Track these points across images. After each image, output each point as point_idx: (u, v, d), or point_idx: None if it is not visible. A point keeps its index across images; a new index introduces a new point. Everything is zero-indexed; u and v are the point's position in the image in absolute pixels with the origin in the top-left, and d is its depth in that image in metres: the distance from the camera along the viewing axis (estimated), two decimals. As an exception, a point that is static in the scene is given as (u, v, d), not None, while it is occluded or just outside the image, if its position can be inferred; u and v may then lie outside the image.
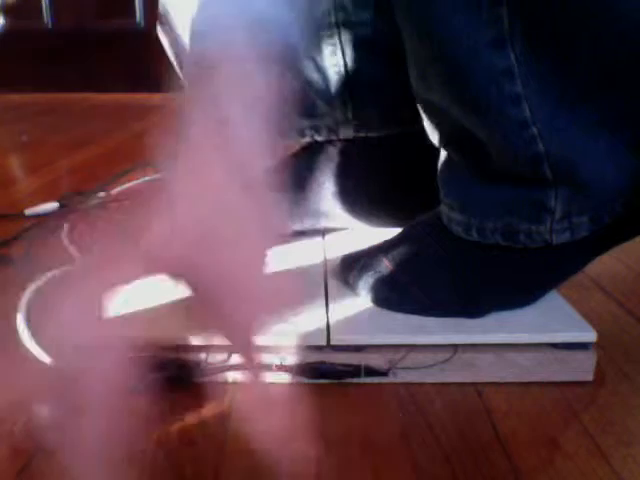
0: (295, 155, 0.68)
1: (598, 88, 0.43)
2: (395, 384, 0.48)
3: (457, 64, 0.43)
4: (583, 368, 0.48)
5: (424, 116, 0.52)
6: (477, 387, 0.48)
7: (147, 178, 1.03)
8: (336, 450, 0.41)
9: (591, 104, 0.44)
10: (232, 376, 0.48)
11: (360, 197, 0.67)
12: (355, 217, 0.68)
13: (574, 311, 0.51)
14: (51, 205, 0.91)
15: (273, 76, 0.45)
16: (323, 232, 0.71)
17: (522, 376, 0.48)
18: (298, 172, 0.67)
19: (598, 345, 0.52)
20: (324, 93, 0.63)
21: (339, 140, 0.65)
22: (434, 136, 0.53)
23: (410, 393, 0.47)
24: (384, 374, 0.47)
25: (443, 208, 0.53)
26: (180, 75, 0.68)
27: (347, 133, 0.65)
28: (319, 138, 0.65)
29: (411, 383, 0.48)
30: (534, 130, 0.44)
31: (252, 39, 0.42)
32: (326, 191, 0.66)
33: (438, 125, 0.51)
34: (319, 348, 0.48)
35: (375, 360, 0.47)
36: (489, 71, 0.43)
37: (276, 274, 0.59)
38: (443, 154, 0.53)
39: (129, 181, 1.02)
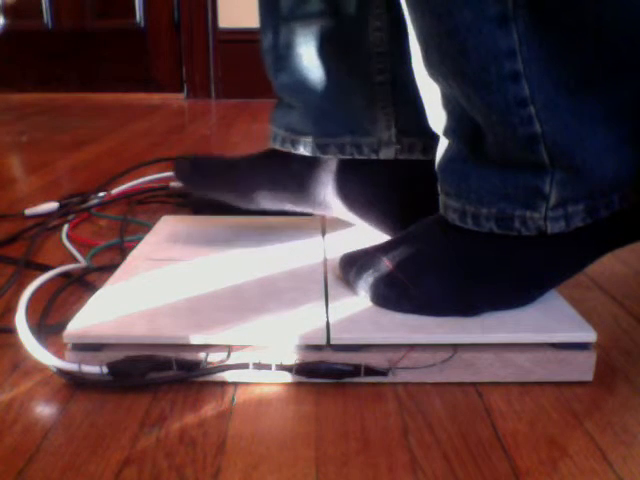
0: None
1: (600, 80, 0.44)
2: (395, 384, 0.48)
3: (458, 38, 0.44)
4: (583, 368, 0.48)
5: (425, 100, 0.52)
6: (477, 387, 0.48)
7: (147, 178, 1.03)
8: (335, 450, 0.41)
9: (592, 95, 0.44)
10: (232, 376, 0.48)
11: (380, 208, 0.66)
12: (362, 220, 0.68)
13: (574, 311, 0.51)
14: (51, 205, 0.91)
15: None
16: (323, 232, 0.71)
17: (522, 376, 0.48)
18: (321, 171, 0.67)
19: (598, 345, 0.52)
20: (368, 110, 0.63)
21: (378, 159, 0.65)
22: (433, 121, 0.53)
23: (410, 393, 0.47)
24: (384, 374, 0.47)
25: (440, 196, 0.53)
26: None
27: (388, 154, 0.64)
28: (359, 156, 0.65)
29: (411, 383, 0.48)
30: (532, 110, 0.44)
31: None
32: (333, 193, 0.66)
33: (438, 108, 0.51)
34: (319, 348, 0.48)
35: (375, 360, 0.47)
36: (490, 47, 0.43)
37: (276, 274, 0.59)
38: (442, 142, 0.53)
39: (129, 181, 1.02)
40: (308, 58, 0.63)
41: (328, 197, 0.66)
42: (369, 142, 0.64)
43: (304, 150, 0.66)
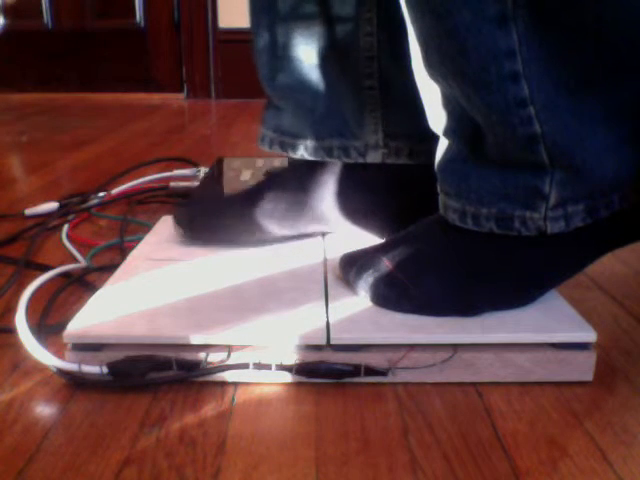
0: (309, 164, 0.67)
1: (600, 80, 0.44)
2: (395, 384, 0.48)
3: (458, 38, 0.44)
4: (583, 368, 0.48)
5: (425, 100, 0.52)
6: (477, 387, 0.48)
7: (147, 178, 1.03)
8: (335, 450, 0.41)
9: (592, 95, 0.44)
10: (232, 376, 0.48)
11: (370, 214, 0.66)
12: (359, 228, 0.68)
13: (574, 311, 0.51)
14: (51, 205, 0.91)
15: None
16: (323, 232, 0.71)
17: (522, 376, 0.48)
18: (310, 179, 0.66)
19: (598, 345, 0.52)
20: (357, 114, 0.63)
21: (365, 164, 0.65)
22: (433, 121, 0.53)
23: (410, 393, 0.47)
24: (384, 374, 0.47)
25: (440, 196, 0.53)
26: None
27: (375, 158, 0.64)
28: (347, 160, 0.65)
29: (411, 383, 0.48)
30: (531, 110, 0.44)
31: None
32: (332, 202, 0.66)
33: (438, 109, 0.51)
34: (319, 348, 0.48)
35: (375, 360, 0.47)
36: (490, 47, 0.43)
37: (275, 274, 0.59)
38: (442, 142, 0.53)
39: (129, 181, 1.02)
40: (302, 61, 0.63)
41: (326, 211, 0.66)
42: (356, 146, 0.64)
43: (292, 153, 0.66)
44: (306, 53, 0.62)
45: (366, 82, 0.61)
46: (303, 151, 0.65)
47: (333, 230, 0.69)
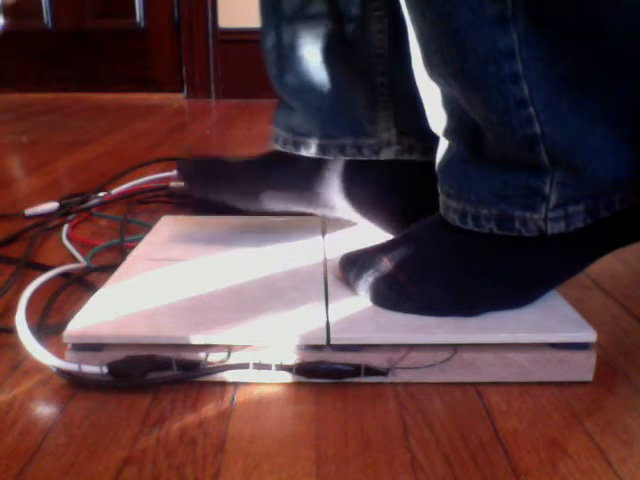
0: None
1: (600, 80, 0.44)
2: (395, 384, 0.48)
3: (458, 38, 0.44)
4: (583, 368, 0.48)
5: (425, 101, 0.52)
6: (477, 387, 0.48)
7: (147, 178, 1.03)
8: (335, 450, 0.41)
9: (592, 95, 0.44)
10: (232, 376, 0.48)
11: (384, 209, 0.66)
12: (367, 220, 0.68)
13: (574, 311, 0.51)
14: (51, 205, 0.91)
15: None
16: (323, 232, 0.71)
17: (522, 376, 0.48)
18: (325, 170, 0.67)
19: (598, 345, 0.52)
20: (369, 111, 0.63)
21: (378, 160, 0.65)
22: (433, 122, 0.53)
23: (410, 393, 0.47)
24: (384, 374, 0.47)
25: (441, 197, 0.53)
26: None
27: (388, 155, 0.64)
28: (360, 157, 0.65)
29: (411, 383, 0.48)
30: (531, 110, 0.44)
31: None
32: (342, 194, 0.66)
33: (438, 109, 0.51)
34: (319, 348, 0.48)
35: (375, 360, 0.47)
36: (490, 47, 0.43)
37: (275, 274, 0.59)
38: (442, 143, 0.53)
39: (129, 181, 1.02)
40: (311, 60, 0.63)
41: (333, 198, 0.66)
42: (370, 143, 0.64)
43: (305, 152, 0.66)
44: (314, 53, 0.62)
45: (378, 79, 0.62)
46: (316, 150, 0.65)
47: (335, 216, 0.69)
